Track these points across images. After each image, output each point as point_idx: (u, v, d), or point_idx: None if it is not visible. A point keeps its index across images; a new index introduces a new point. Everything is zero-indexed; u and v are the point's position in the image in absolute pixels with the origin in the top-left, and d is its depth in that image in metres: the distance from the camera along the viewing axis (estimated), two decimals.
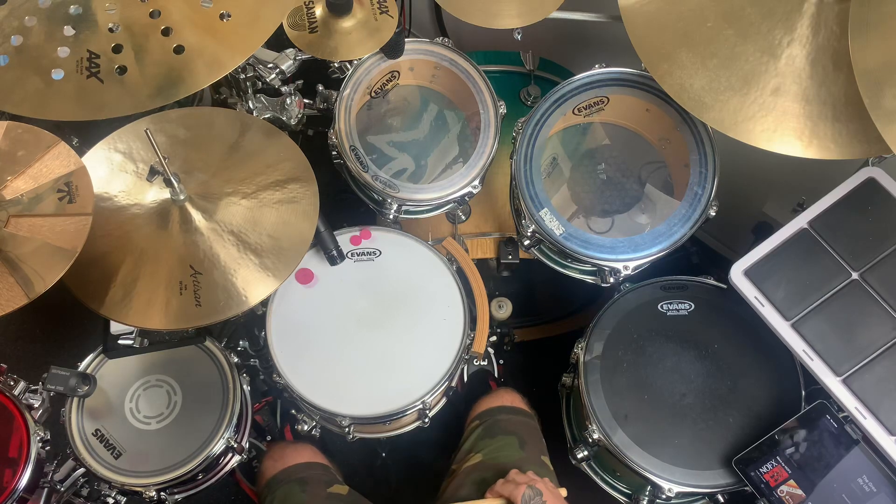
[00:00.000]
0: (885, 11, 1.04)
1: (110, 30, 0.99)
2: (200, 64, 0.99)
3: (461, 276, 1.46)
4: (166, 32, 0.98)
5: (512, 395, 1.51)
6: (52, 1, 0.99)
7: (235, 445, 1.36)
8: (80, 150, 1.21)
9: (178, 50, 0.98)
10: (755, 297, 1.24)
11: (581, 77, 1.41)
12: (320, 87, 1.55)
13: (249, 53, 1.03)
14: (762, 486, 1.20)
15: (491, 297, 1.55)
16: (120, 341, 1.36)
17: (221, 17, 1.01)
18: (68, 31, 0.99)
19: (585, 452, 1.40)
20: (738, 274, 1.25)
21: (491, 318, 1.49)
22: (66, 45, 0.98)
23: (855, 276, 1.22)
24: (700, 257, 1.92)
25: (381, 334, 1.40)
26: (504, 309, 1.62)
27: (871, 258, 1.22)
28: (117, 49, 0.98)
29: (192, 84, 0.99)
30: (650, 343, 1.35)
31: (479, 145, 1.45)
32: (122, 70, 0.97)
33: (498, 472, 1.32)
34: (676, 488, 1.25)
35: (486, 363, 1.69)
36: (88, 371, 1.35)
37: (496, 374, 1.74)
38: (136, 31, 0.98)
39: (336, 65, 1.49)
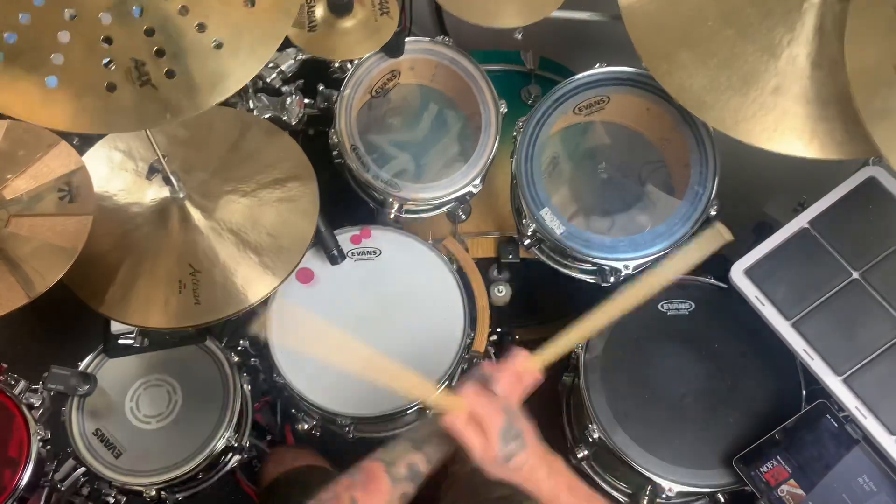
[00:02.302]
0: (883, 12, 1.03)
1: (146, 34, 0.99)
2: (242, 54, 0.99)
3: (461, 275, 1.46)
4: (201, 28, 0.99)
5: None
6: (75, 11, 0.99)
7: (236, 445, 1.36)
8: (81, 150, 1.22)
9: (218, 44, 0.99)
10: (755, 297, 1.23)
11: (581, 76, 1.41)
12: (321, 87, 1.55)
13: (282, 36, 1.03)
14: (762, 485, 1.19)
15: (489, 284, 1.55)
16: (120, 340, 1.36)
17: (246, 3, 1.01)
18: (107, 40, 0.99)
19: (585, 452, 1.40)
20: (738, 274, 1.25)
21: (491, 307, 1.48)
22: (107, 56, 0.98)
23: (855, 275, 1.22)
24: None
25: (381, 334, 1.40)
26: (503, 293, 1.61)
27: (871, 258, 1.21)
28: (160, 53, 0.98)
29: (242, 75, 0.99)
30: (650, 343, 1.35)
31: (479, 144, 1.45)
32: (171, 73, 0.97)
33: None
34: (676, 488, 1.25)
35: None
36: (89, 370, 1.35)
37: None
38: (171, 31, 0.98)
39: (336, 64, 1.49)
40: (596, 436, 1.29)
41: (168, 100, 0.97)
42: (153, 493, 1.30)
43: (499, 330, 1.75)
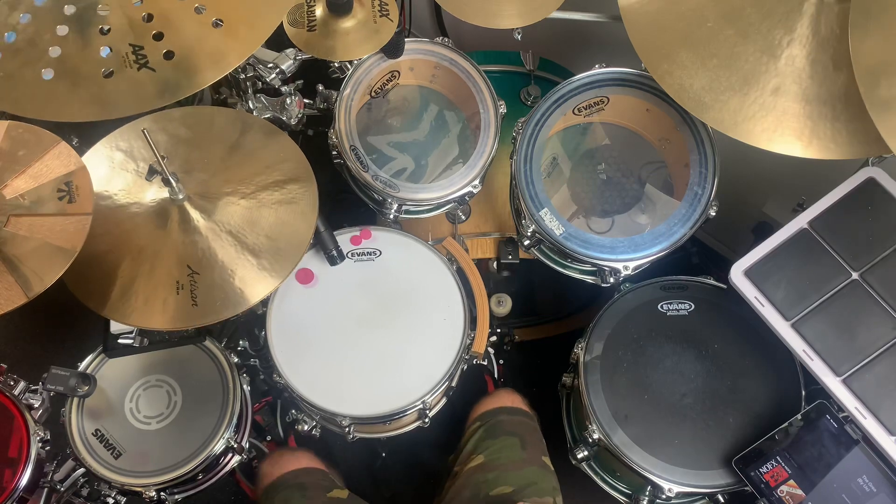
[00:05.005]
0: (887, 3, 1.03)
1: (144, 20, 1.00)
2: (240, 32, 1.01)
3: (461, 275, 1.46)
4: (199, 10, 1.00)
5: (512, 396, 1.51)
6: (76, 7, 1.00)
7: (235, 445, 1.36)
8: (81, 150, 1.21)
9: (217, 23, 1.00)
10: (755, 297, 1.23)
11: (581, 77, 1.41)
12: (320, 87, 1.55)
13: (281, 17, 1.04)
14: (762, 486, 1.19)
15: (490, 294, 1.55)
16: (120, 341, 1.36)
17: None
18: (103, 30, 1.01)
19: (585, 452, 1.40)
20: (738, 274, 1.25)
21: (491, 314, 1.49)
22: (104, 45, 1.00)
23: (855, 276, 1.22)
24: (700, 257, 1.92)
25: (381, 334, 1.40)
26: (504, 305, 1.62)
27: (871, 258, 1.21)
28: (158, 36, 0.99)
29: (243, 50, 1.00)
30: (650, 343, 1.35)
31: (479, 145, 1.45)
32: (170, 55, 0.99)
33: (500, 474, 1.32)
34: (676, 488, 1.25)
35: (485, 363, 1.69)
36: (88, 371, 1.35)
37: (495, 375, 1.74)
38: (170, 16, 0.99)
39: (336, 65, 1.49)
40: (596, 436, 1.29)
41: (166, 80, 0.98)
42: (153, 493, 1.30)
43: (499, 330, 1.75)
